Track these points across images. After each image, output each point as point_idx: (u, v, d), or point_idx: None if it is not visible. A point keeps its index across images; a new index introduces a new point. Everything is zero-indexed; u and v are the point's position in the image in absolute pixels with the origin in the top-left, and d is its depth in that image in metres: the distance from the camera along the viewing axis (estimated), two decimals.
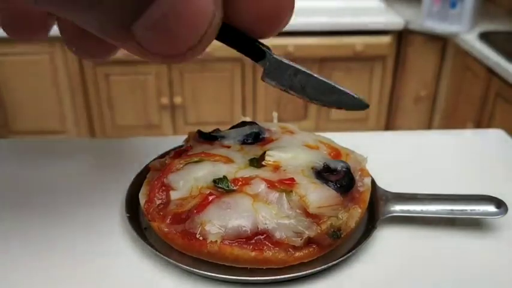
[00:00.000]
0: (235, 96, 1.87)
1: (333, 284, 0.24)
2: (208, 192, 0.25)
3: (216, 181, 0.25)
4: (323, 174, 0.26)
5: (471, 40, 1.61)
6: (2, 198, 0.30)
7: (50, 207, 0.29)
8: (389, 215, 0.27)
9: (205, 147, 0.29)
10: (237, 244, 0.24)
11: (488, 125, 1.54)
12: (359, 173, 0.28)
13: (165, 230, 0.25)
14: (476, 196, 0.30)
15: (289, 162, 0.27)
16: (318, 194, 0.25)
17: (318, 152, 0.28)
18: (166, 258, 0.24)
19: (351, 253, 0.25)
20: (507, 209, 0.30)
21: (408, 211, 0.27)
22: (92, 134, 1.93)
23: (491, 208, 0.29)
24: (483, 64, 1.53)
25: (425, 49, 1.81)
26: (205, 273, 0.24)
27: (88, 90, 1.85)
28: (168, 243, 0.25)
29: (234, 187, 0.25)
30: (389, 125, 2.01)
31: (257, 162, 0.27)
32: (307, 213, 0.24)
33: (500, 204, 0.30)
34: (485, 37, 1.61)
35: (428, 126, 1.94)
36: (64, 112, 1.86)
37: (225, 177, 0.25)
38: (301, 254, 0.24)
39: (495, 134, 0.42)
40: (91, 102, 1.87)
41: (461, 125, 1.70)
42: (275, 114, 0.33)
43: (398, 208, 0.27)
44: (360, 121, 1.98)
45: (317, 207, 0.24)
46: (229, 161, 0.27)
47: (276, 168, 0.27)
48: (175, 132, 1.90)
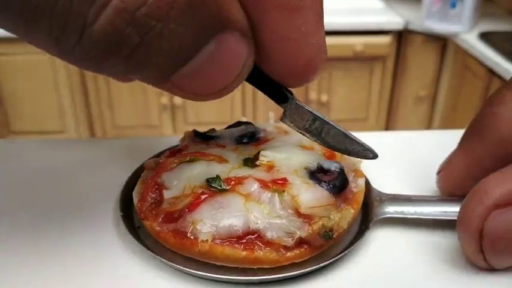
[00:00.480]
0: (235, 96, 1.87)
1: (324, 285, 0.24)
2: (200, 191, 0.25)
3: (209, 180, 0.25)
4: (316, 174, 0.26)
5: (471, 40, 1.61)
6: (1, 198, 0.30)
7: (47, 207, 0.29)
8: (383, 216, 0.27)
9: (201, 147, 0.29)
10: (228, 243, 0.23)
11: None
12: (353, 173, 0.28)
13: (157, 228, 0.25)
14: None
15: (283, 162, 0.27)
16: (310, 194, 0.25)
17: (313, 152, 0.28)
18: (159, 258, 0.24)
19: (343, 254, 0.25)
20: None
21: (402, 212, 0.27)
22: (92, 134, 1.93)
23: None
24: (483, 64, 1.53)
25: (425, 49, 1.81)
26: (197, 272, 0.24)
27: (88, 90, 1.85)
28: (160, 243, 0.25)
29: (227, 187, 0.25)
30: (389, 125, 2.01)
31: (251, 162, 0.27)
32: (299, 214, 0.24)
33: None
34: (485, 37, 1.61)
35: (428, 126, 1.94)
36: (64, 112, 1.86)
37: (218, 176, 0.25)
38: (293, 254, 0.24)
39: None
40: (91, 102, 1.87)
41: (461, 125, 1.69)
42: (271, 114, 0.33)
43: (392, 209, 0.27)
44: (360, 121, 1.98)
45: (309, 208, 0.24)
46: (223, 160, 0.27)
47: (270, 168, 0.26)
48: (175, 132, 1.90)
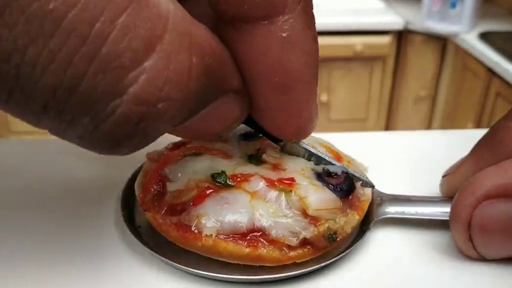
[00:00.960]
0: None
1: (325, 284, 0.24)
2: (206, 185, 0.25)
3: (214, 176, 0.25)
4: (323, 177, 0.26)
5: (471, 40, 1.61)
6: (1, 198, 0.30)
7: (47, 207, 0.29)
8: (383, 217, 0.27)
9: (204, 141, 0.28)
10: (231, 239, 0.23)
11: (488, 125, 1.53)
12: (360, 182, 0.28)
13: (160, 220, 0.24)
14: None
15: (289, 162, 0.27)
16: (318, 196, 0.25)
17: (319, 154, 0.28)
18: (160, 257, 0.24)
19: (344, 253, 0.25)
20: None
21: (403, 213, 0.27)
22: None
23: None
24: (483, 64, 1.53)
25: (425, 49, 1.81)
26: (198, 271, 0.24)
27: None
28: (162, 243, 0.25)
29: (233, 183, 0.25)
30: (389, 125, 2.01)
31: (256, 159, 0.27)
32: (305, 214, 0.24)
33: None
34: (485, 37, 1.61)
35: (428, 126, 1.94)
36: None
37: (223, 172, 0.25)
38: (296, 253, 0.24)
39: None
40: None
41: (461, 125, 1.70)
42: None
43: (393, 210, 0.27)
44: (360, 121, 1.98)
45: (316, 209, 0.24)
46: (227, 156, 0.27)
47: (276, 166, 0.26)
48: None
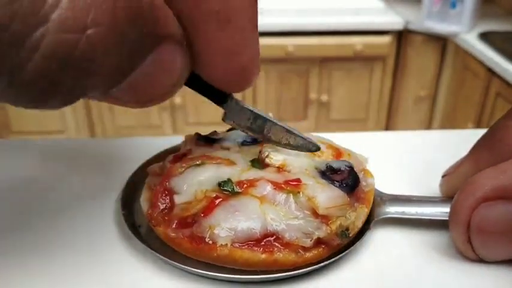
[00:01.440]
0: (235, 96, 1.87)
1: (325, 284, 0.24)
2: (214, 195, 0.25)
3: (221, 184, 0.25)
4: (327, 174, 0.26)
5: (471, 40, 1.61)
6: (1, 198, 0.30)
7: (47, 207, 0.29)
8: (384, 217, 0.27)
9: (205, 150, 0.28)
10: (246, 247, 0.23)
11: (488, 125, 1.53)
12: (362, 173, 0.28)
13: (172, 234, 0.24)
14: None
15: (293, 163, 0.27)
16: (326, 195, 0.25)
17: (320, 152, 0.28)
18: (161, 257, 0.24)
19: (344, 253, 0.25)
20: None
21: (403, 213, 0.27)
22: (92, 134, 1.93)
23: None
24: (483, 64, 1.53)
25: (425, 49, 1.81)
26: (199, 271, 0.24)
27: None
28: (162, 242, 0.25)
29: (240, 190, 0.25)
30: (389, 125, 2.01)
31: (259, 163, 0.27)
32: (316, 214, 0.24)
33: None
34: (485, 37, 1.61)
35: (428, 126, 1.94)
36: (64, 112, 1.86)
37: (229, 179, 0.25)
38: (311, 254, 0.24)
39: None
40: (91, 103, 1.87)
41: (461, 125, 1.70)
42: (271, 115, 0.33)
43: (393, 210, 0.27)
44: (360, 121, 1.98)
45: (326, 208, 0.24)
46: (231, 163, 0.27)
47: (280, 169, 0.26)
48: (175, 132, 1.90)
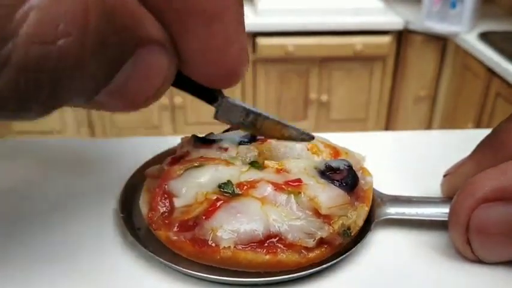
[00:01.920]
0: (235, 96, 1.87)
1: (326, 286, 0.24)
2: (215, 197, 0.24)
3: (221, 186, 0.25)
4: (327, 173, 0.26)
5: (471, 40, 1.61)
6: (1, 198, 0.30)
7: (47, 207, 0.29)
8: (384, 218, 0.27)
9: (203, 152, 0.28)
10: (249, 248, 0.23)
11: (488, 125, 1.54)
12: (360, 171, 0.28)
13: (174, 238, 0.24)
14: None
15: (292, 162, 0.27)
16: (327, 195, 0.25)
17: (318, 151, 0.28)
18: (160, 260, 0.24)
19: (345, 255, 0.25)
20: None
21: (403, 214, 0.27)
22: (92, 134, 1.93)
23: None
24: (483, 64, 1.53)
25: (425, 49, 1.81)
26: (197, 273, 0.24)
27: None
28: (163, 245, 0.25)
29: (240, 191, 0.25)
30: (389, 125, 2.01)
31: (258, 163, 0.27)
32: (318, 214, 0.24)
33: None
34: (485, 37, 1.61)
35: (428, 126, 1.94)
36: (64, 112, 1.86)
37: (229, 181, 0.25)
38: (314, 254, 0.24)
39: None
40: None
41: (461, 125, 1.70)
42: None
43: (394, 211, 0.27)
44: (360, 121, 1.98)
45: (328, 208, 0.24)
46: (230, 164, 0.27)
47: (280, 169, 0.26)
48: (175, 132, 1.90)
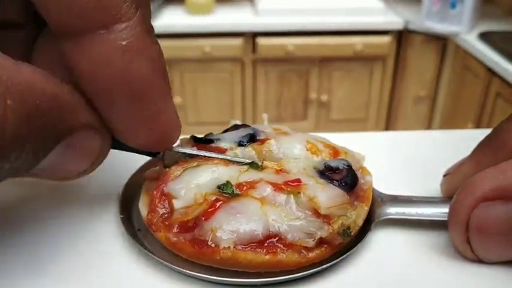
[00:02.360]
0: (235, 96, 1.87)
1: (326, 286, 0.24)
2: (214, 198, 0.24)
3: (220, 187, 0.25)
4: (326, 173, 0.26)
5: (471, 40, 1.61)
6: (1, 198, 0.30)
7: (46, 208, 0.29)
8: (384, 218, 0.27)
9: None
10: (249, 248, 0.23)
11: (488, 125, 1.54)
12: (359, 171, 0.28)
13: (173, 239, 0.24)
14: None
15: (290, 163, 0.27)
16: (326, 194, 0.25)
17: (318, 151, 0.28)
18: (160, 260, 0.24)
19: (345, 256, 0.25)
20: None
21: (403, 213, 0.27)
22: None
23: None
24: (483, 64, 1.53)
25: (425, 49, 1.81)
26: (197, 274, 0.24)
27: None
28: (163, 246, 0.25)
29: (239, 192, 0.25)
30: (389, 125, 2.01)
31: (257, 164, 0.27)
32: (317, 214, 0.24)
33: None
34: (485, 37, 1.61)
35: (428, 126, 1.94)
36: None
37: (228, 182, 0.25)
38: (314, 254, 0.24)
39: None
40: None
41: (461, 125, 1.70)
42: (265, 116, 0.33)
43: (394, 210, 0.27)
44: (360, 121, 1.98)
45: (327, 208, 0.24)
46: (227, 164, 0.27)
47: (279, 169, 0.26)
48: None
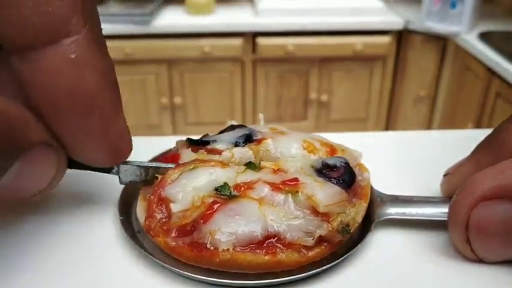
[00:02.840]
0: (235, 96, 1.87)
1: (326, 287, 0.24)
2: (211, 200, 0.24)
3: (218, 189, 0.25)
4: (323, 171, 0.26)
5: (471, 40, 1.61)
6: None
7: (45, 209, 0.29)
8: (384, 218, 0.27)
9: (198, 154, 0.28)
10: (249, 250, 0.23)
11: (488, 125, 1.54)
12: (357, 168, 0.28)
13: (172, 244, 0.24)
14: None
15: (288, 162, 0.27)
16: (325, 192, 0.25)
17: (315, 149, 0.28)
18: (160, 263, 0.24)
19: (345, 256, 0.25)
20: None
21: (404, 214, 0.27)
22: None
23: None
24: (483, 64, 1.53)
25: (425, 49, 1.81)
26: (196, 276, 0.24)
27: None
28: (163, 249, 0.25)
29: (237, 193, 0.25)
30: (389, 125, 2.01)
31: (254, 165, 0.27)
32: (316, 213, 0.24)
33: None
34: (485, 37, 1.61)
35: (428, 126, 1.94)
36: None
37: (226, 183, 0.25)
38: (314, 253, 0.24)
39: None
40: None
41: (461, 125, 1.70)
42: (261, 116, 0.33)
43: (394, 211, 0.27)
44: (360, 121, 1.98)
45: (326, 206, 0.24)
46: (225, 165, 0.27)
47: (276, 169, 0.26)
48: (175, 132, 1.90)
